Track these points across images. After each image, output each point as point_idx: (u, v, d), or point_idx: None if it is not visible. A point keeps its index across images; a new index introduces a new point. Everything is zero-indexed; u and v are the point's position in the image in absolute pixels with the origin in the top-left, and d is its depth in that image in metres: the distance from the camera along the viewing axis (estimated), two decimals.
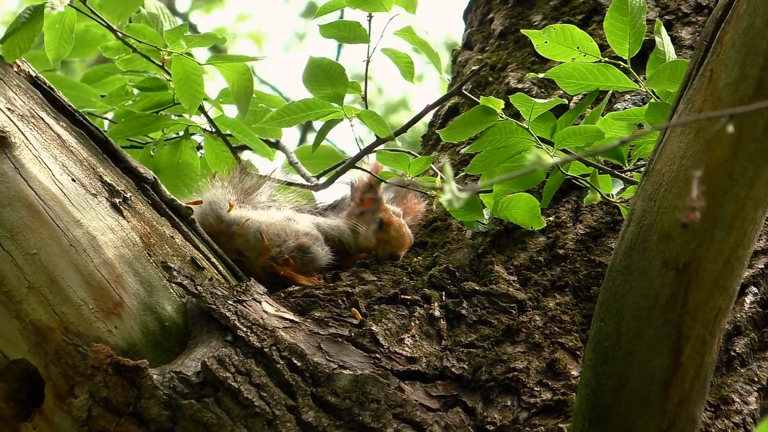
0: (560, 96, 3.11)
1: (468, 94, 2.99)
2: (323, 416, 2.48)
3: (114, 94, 3.36)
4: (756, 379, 2.74)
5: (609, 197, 2.90)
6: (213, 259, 2.76)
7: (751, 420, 2.68)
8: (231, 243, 2.85)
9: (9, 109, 2.63)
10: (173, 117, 3.34)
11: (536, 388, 2.63)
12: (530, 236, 2.95)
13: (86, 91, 3.41)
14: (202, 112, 3.26)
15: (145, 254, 2.63)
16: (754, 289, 2.86)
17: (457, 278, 2.82)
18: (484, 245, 2.95)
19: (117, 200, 2.66)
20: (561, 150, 2.81)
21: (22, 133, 2.61)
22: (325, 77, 2.92)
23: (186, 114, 3.28)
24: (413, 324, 2.70)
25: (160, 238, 2.68)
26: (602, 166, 2.88)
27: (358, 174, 3.00)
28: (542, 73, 2.88)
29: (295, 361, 2.52)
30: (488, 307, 2.78)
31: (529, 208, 2.89)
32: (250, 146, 3.39)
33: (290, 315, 2.64)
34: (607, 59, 2.80)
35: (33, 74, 2.77)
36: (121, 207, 2.66)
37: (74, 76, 4.93)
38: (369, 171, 2.97)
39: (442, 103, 3.40)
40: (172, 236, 2.71)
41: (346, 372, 2.54)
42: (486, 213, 2.98)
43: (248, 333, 2.53)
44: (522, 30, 2.91)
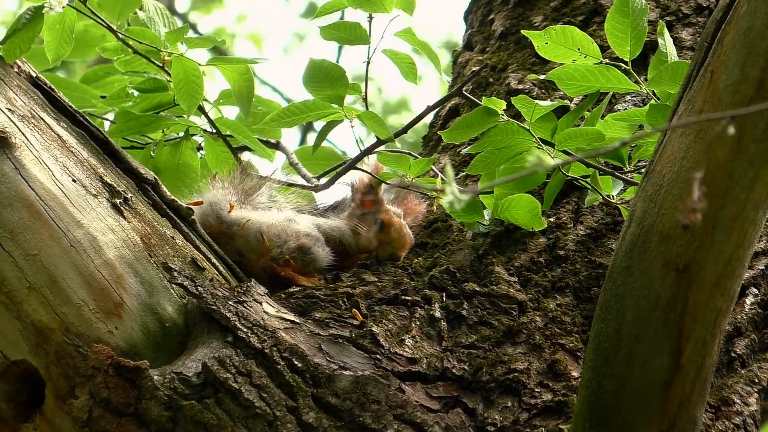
0: (561, 96, 3.11)
1: (469, 96, 2.99)
2: (324, 417, 2.47)
3: (114, 96, 3.35)
4: (756, 381, 2.74)
5: (610, 198, 2.90)
6: (214, 260, 2.76)
7: (752, 421, 2.67)
8: (232, 244, 2.84)
9: (9, 110, 2.63)
10: (174, 118, 3.33)
11: (537, 389, 2.63)
12: (531, 237, 2.95)
13: (86, 92, 3.41)
14: (203, 113, 3.25)
15: (146, 255, 2.63)
16: (755, 291, 2.86)
17: (458, 279, 2.82)
18: (485, 246, 2.95)
19: (118, 201, 2.66)
20: (561, 151, 2.81)
21: (23, 134, 2.61)
22: (326, 79, 2.92)
23: (186, 114, 3.28)
24: (414, 325, 2.70)
25: (161, 239, 2.68)
26: (603, 168, 2.88)
27: (359, 175, 3.00)
28: (543, 75, 2.87)
29: (296, 362, 2.52)
30: (489, 308, 2.78)
31: (530, 209, 2.89)
32: (251, 147, 3.38)
33: (291, 316, 2.64)
34: (608, 60, 2.80)
35: (33, 75, 2.77)
36: (122, 208, 2.66)
37: (74, 77, 4.92)
38: (369, 172, 2.97)
39: (443, 104, 3.41)
40: (173, 237, 2.71)
41: (347, 373, 2.54)
42: (486, 214, 2.98)
43: (249, 334, 2.53)
44: (523, 31, 2.91)
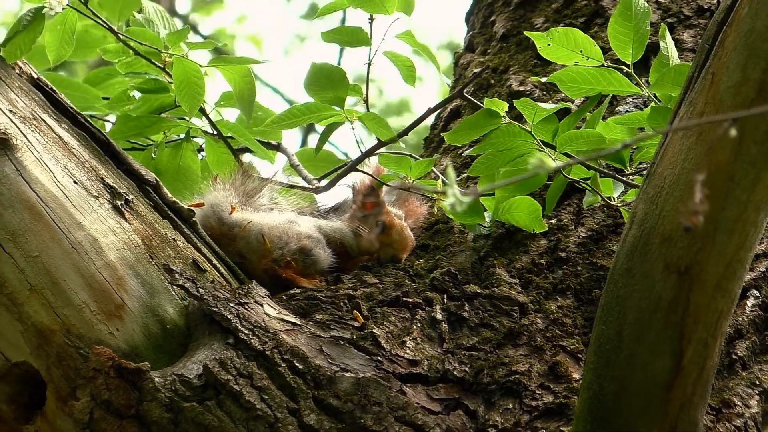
0: (562, 98, 3.11)
1: (469, 97, 2.99)
2: (325, 419, 2.47)
3: (116, 99, 3.35)
4: (757, 383, 2.74)
5: (610, 200, 2.90)
6: (215, 262, 2.76)
7: (753, 423, 2.67)
8: (233, 245, 2.84)
9: (11, 111, 2.63)
10: (175, 119, 3.33)
11: (538, 391, 2.63)
12: (532, 239, 2.95)
13: (88, 92, 3.41)
14: (204, 115, 3.25)
15: (147, 257, 2.63)
16: (756, 293, 2.86)
17: (459, 281, 2.82)
18: (486, 248, 2.95)
19: (119, 202, 2.66)
20: (563, 154, 2.81)
21: (24, 135, 2.61)
22: (327, 81, 2.92)
23: (187, 116, 3.28)
24: (415, 327, 2.70)
25: (162, 241, 2.68)
26: (604, 170, 2.88)
27: (360, 177, 3.00)
28: (545, 77, 2.87)
29: (297, 364, 2.52)
30: (490, 310, 2.78)
31: (531, 211, 2.89)
32: (251, 149, 3.38)
33: (292, 318, 2.64)
34: (610, 63, 2.80)
35: (35, 76, 2.77)
36: (123, 209, 2.66)
37: (76, 77, 4.92)
38: (371, 174, 2.97)
39: (444, 106, 3.41)
40: (174, 239, 2.71)
41: (348, 375, 2.54)
42: (487, 216, 2.98)
43: (250, 336, 2.53)
44: (525, 32, 2.91)
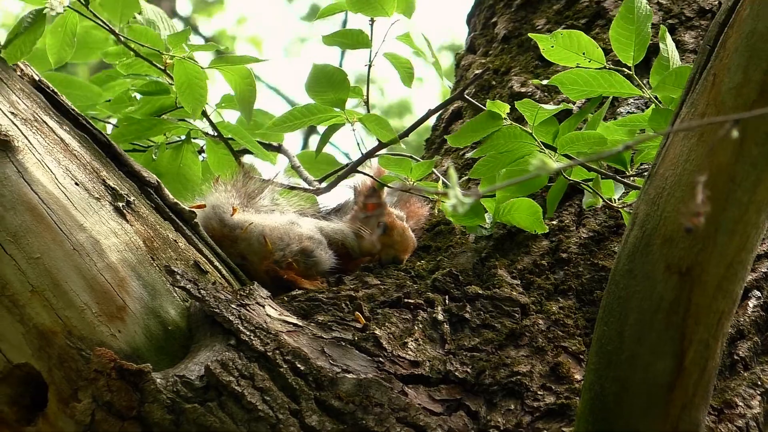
0: (564, 99, 3.11)
1: (470, 99, 2.99)
2: (327, 420, 2.47)
3: (117, 100, 3.35)
4: (759, 383, 2.73)
5: (611, 202, 2.90)
6: (216, 263, 2.76)
7: (754, 424, 2.67)
8: (234, 247, 2.84)
9: (12, 113, 2.63)
10: (176, 121, 3.33)
11: (539, 392, 2.63)
12: (533, 240, 2.95)
13: (90, 90, 3.41)
14: (204, 116, 3.26)
15: (149, 258, 2.63)
16: (757, 293, 2.86)
17: (461, 282, 2.82)
18: (488, 249, 2.95)
19: (120, 204, 2.66)
20: (563, 155, 2.81)
21: (26, 137, 2.61)
22: (328, 83, 2.93)
23: (188, 118, 3.28)
24: (416, 328, 2.70)
25: (164, 242, 2.68)
26: (605, 172, 2.88)
27: (362, 178, 3.00)
28: (546, 80, 2.87)
29: (299, 365, 2.52)
30: (491, 311, 2.78)
31: (532, 212, 2.89)
32: (252, 151, 3.39)
33: (293, 319, 2.64)
34: (611, 65, 2.80)
35: (36, 78, 2.77)
36: (125, 211, 2.66)
37: None
38: (371, 176, 2.97)
39: (446, 107, 3.41)
40: (176, 240, 2.71)
41: (350, 376, 2.54)
42: (488, 217, 2.98)
43: (251, 337, 2.53)
44: (530, 34, 2.91)
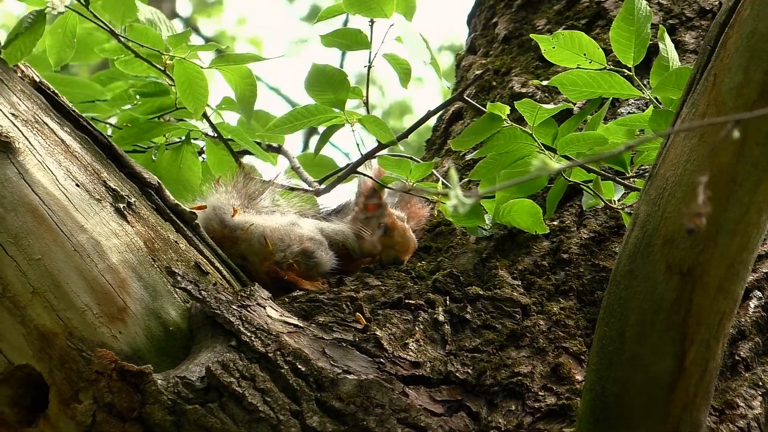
0: (564, 100, 3.11)
1: (470, 100, 2.99)
2: (328, 421, 2.47)
3: (117, 98, 3.35)
4: (760, 384, 2.73)
5: (611, 203, 2.90)
6: (217, 264, 2.76)
7: (756, 424, 2.67)
8: (235, 248, 2.84)
9: (13, 115, 2.63)
10: (174, 121, 3.33)
11: (540, 393, 2.63)
12: (534, 241, 2.95)
13: (91, 88, 3.41)
14: (204, 117, 3.26)
15: (150, 259, 2.63)
16: (759, 294, 2.86)
17: (462, 283, 2.82)
18: (488, 250, 2.95)
19: (121, 205, 2.66)
20: (563, 156, 2.81)
21: (26, 139, 2.61)
22: (328, 83, 2.92)
23: (188, 118, 3.28)
24: (417, 329, 2.70)
25: (165, 243, 2.68)
26: (605, 173, 2.88)
27: (362, 179, 3.00)
28: (546, 81, 2.87)
29: (300, 366, 2.52)
30: (492, 312, 2.77)
31: (532, 213, 2.89)
32: (252, 152, 3.39)
33: (294, 320, 2.64)
34: (612, 66, 2.80)
35: (37, 79, 2.77)
36: (126, 212, 2.66)
37: None
38: (372, 177, 2.97)
39: (446, 108, 3.40)
40: (176, 241, 2.71)
41: (351, 377, 2.54)
42: (488, 218, 2.98)
43: (252, 338, 2.53)
44: (531, 35, 2.91)
